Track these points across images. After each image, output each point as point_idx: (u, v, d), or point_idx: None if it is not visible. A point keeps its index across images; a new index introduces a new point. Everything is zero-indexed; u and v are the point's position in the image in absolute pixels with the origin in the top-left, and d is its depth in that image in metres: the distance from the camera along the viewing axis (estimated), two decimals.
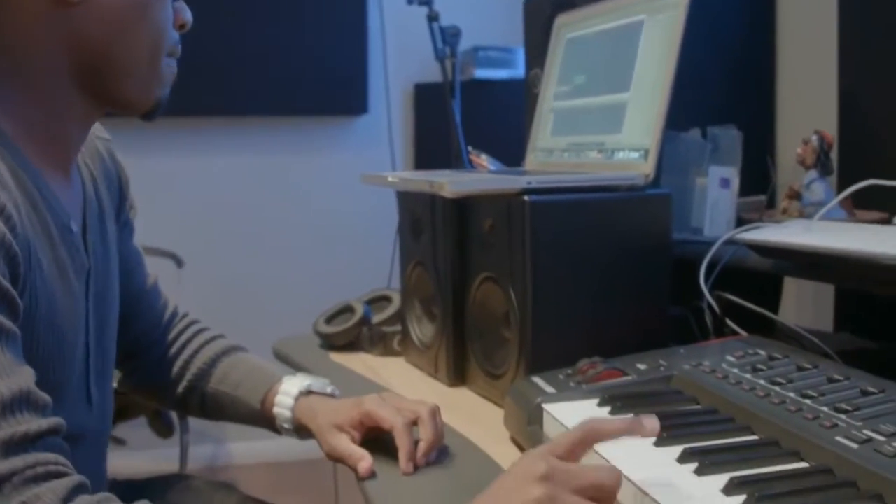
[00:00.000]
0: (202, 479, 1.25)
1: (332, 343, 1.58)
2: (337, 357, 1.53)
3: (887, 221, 1.33)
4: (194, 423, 2.82)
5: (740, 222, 1.45)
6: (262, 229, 3.28)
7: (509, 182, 1.17)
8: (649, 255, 1.21)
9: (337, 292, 1.80)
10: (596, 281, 1.18)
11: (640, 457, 0.82)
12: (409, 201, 1.44)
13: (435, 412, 1.00)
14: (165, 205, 3.05)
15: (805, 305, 1.83)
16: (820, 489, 0.73)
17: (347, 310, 1.62)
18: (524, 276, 1.14)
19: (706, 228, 1.43)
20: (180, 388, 1.18)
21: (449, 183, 1.14)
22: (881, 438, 0.78)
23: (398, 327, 1.53)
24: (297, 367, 1.42)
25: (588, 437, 0.75)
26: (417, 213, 1.39)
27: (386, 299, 1.66)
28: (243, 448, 3.29)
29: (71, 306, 0.90)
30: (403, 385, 1.33)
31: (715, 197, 1.42)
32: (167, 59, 0.96)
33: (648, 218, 1.22)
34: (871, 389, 0.89)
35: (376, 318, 1.59)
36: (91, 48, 0.88)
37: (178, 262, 2.91)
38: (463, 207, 1.29)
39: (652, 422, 0.77)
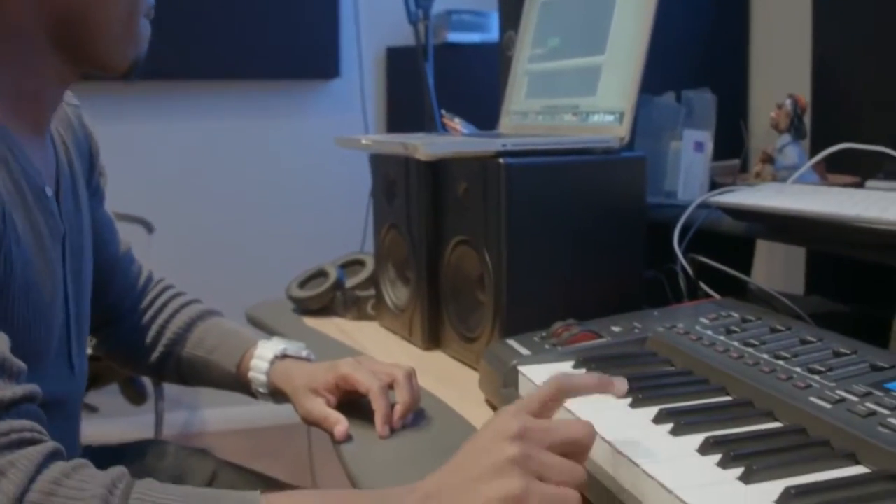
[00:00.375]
0: (176, 445, 1.25)
1: (305, 307, 1.57)
2: (311, 321, 1.53)
3: (859, 185, 1.33)
4: (169, 390, 2.81)
5: (714, 186, 1.46)
6: (233, 194, 3.25)
7: (484, 144, 1.16)
8: (624, 219, 1.21)
9: (310, 257, 1.79)
10: (571, 244, 1.18)
11: (615, 418, 0.82)
12: (382, 164, 1.43)
13: (411, 375, 1.00)
14: (135, 170, 3.01)
15: (776, 269, 1.84)
16: (794, 448, 0.73)
17: (321, 274, 1.61)
18: (499, 238, 1.14)
19: (680, 192, 1.44)
20: (156, 354, 1.17)
21: (423, 145, 1.13)
22: (854, 399, 0.78)
23: (372, 291, 1.52)
24: (270, 332, 1.41)
25: (559, 393, 0.74)
26: (391, 176, 1.38)
27: (359, 263, 1.66)
28: (218, 414, 3.29)
29: (48, 271, 0.88)
30: (378, 349, 1.33)
31: (689, 160, 1.43)
32: (143, 19, 0.94)
33: (623, 181, 1.21)
34: (843, 351, 0.90)
35: (350, 282, 1.58)
36: (67, 6, 0.86)
37: (149, 228, 2.88)
38: (437, 170, 1.28)
39: (622, 383, 0.77)
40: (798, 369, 0.87)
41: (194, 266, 2.96)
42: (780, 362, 0.89)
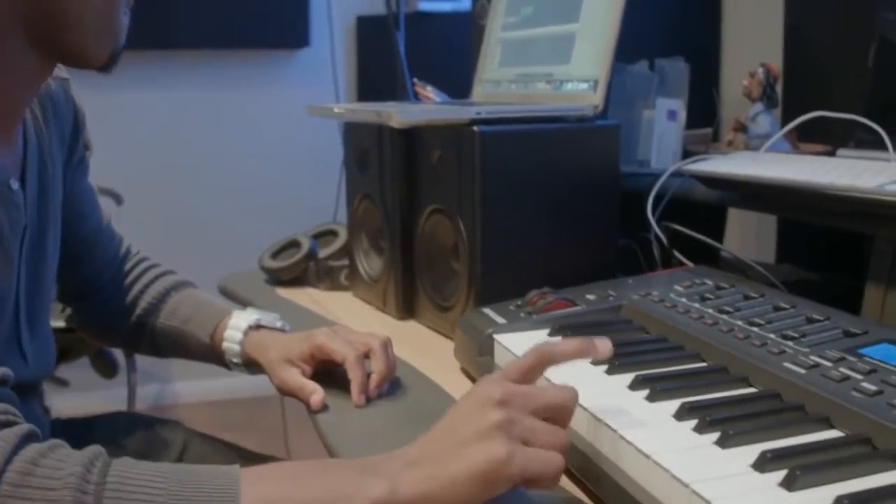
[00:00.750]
0: (146, 416, 1.24)
1: (278, 278, 1.56)
2: (284, 292, 1.52)
3: (831, 154, 1.34)
4: (141, 362, 2.79)
5: (686, 155, 1.46)
6: (203, 165, 3.22)
7: (458, 112, 1.16)
8: (598, 187, 1.21)
9: (281, 227, 1.78)
10: (545, 212, 1.18)
11: (592, 385, 0.82)
12: (355, 133, 1.42)
13: (387, 344, 1.00)
14: (102, 141, 2.93)
15: (748, 238, 1.85)
16: (769, 413, 0.74)
17: (293, 244, 1.60)
18: (473, 207, 1.14)
19: (653, 161, 1.44)
20: (129, 324, 1.16)
21: (397, 113, 1.12)
22: (827, 364, 0.79)
23: (345, 261, 1.52)
24: (243, 303, 1.40)
25: (541, 361, 0.74)
26: (364, 145, 1.37)
27: (332, 233, 1.65)
28: (190, 387, 3.27)
29: (4, 262, 0.87)
30: (352, 319, 1.33)
31: (662, 129, 1.43)
32: (123, 10, 0.91)
33: (597, 149, 1.21)
34: (816, 317, 0.91)
35: (323, 253, 1.57)
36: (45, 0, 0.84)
37: (118, 200, 2.85)
38: (410, 139, 1.27)
39: (604, 343, 0.77)
40: (772, 335, 0.88)
41: (165, 238, 2.93)
42: (754, 329, 0.90)
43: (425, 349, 1.17)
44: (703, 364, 0.88)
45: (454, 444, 0.68)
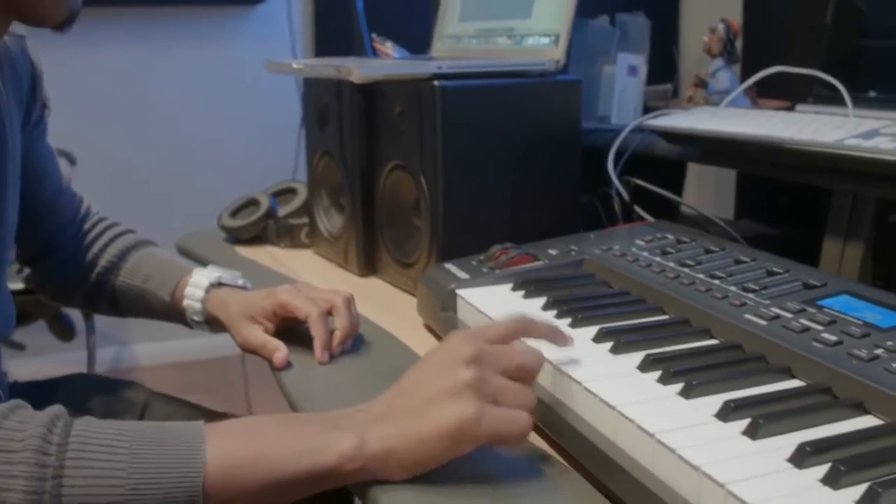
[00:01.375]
0: (105, 378, 1.23)
1: (237, 237, 1.55)
2: (243, 251, 1.50)
3: (790, 109, 1.35)
4: (99, 325, 2.76)
5: (647, 110, 1.46)
6: (159, 124, 3.17)
7: (419, 67, 1.14)
8: (560, 142, 1.21)
9: (239, 186, 1.76)
10: (506, 168, 1.17)
11: None
12: (314, 90, 1.40)
13: (349, 301, 0.99)
14: (54, 101, 2.90)
15: (707, 194, 1.86)
16: (731, 364, 0.75)
17: (252, 203, 1.58)
18: (435, 163, 1.13)
19: (613, 116, 1.44)
20: (89, 284, 1.14)
21: (357, 68, 1.10)
22: (788, 315, 0.80)
23: (305, 219, 1.50)
24: (202, 262, 1.38)
25: (519, 332, 0.75)
26: (323, 101, 1.35)
27: (291, 191, 1.63)
28: (149, 349, 3.24)
29: None
30: (313, 277, 1.32)
31: (623, 85, 1.42)
32: None
33: (559, 105, 1.21)
34: (776, 270, 0.91)
35: (282, 211, 1.56)
36: None
37: (71, 160, 2.79)
38: (371, 95, 1.26)
39: (569, 340, 0.78)
40: (733, 288, 0.88)
41: (120, 198, 2.87)
42: (716, 282, 0.91)
43: (388, 306, 1.17)
44: (666, 317, 0.88)
45: (423, 400, 0.68)
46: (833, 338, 0.74)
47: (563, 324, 0.87)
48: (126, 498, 0.61)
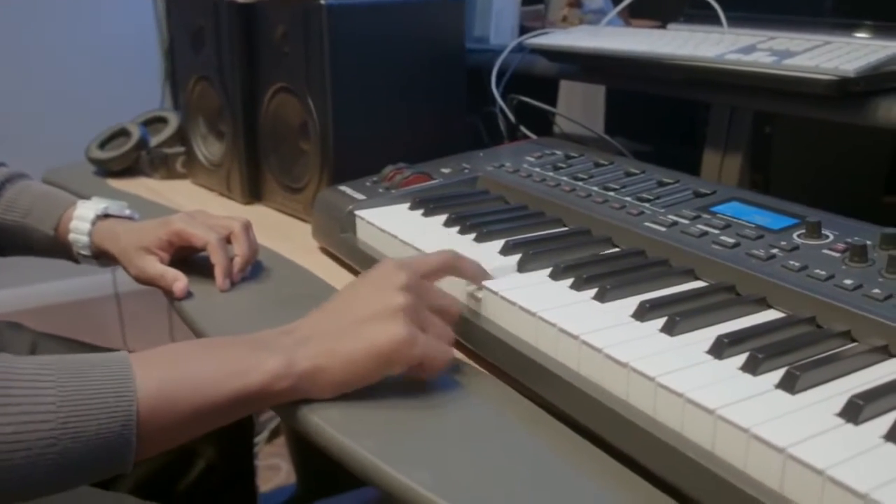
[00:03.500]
0: None
1: (108, 169, 1.48)
2: (116, 183, 1.44)
3: (662, 28, 1.39)
4: None
5: (523, 30, 1.47)
6: (11, 59, 2.96)
7: None
8: (445, 62, 1.21)
9: (102, 118, 1.67)
10: (394, 88, 1.17)
11: (463, 252, 0.83)
12: (185, 12, 1.34)
13: (248, 227, 0.97)
14: None
15: (575, 113, 1.90)
16: (637, 268, 0.78)
17: (121, 133, 1.52)
18: (323, 84, 1.11)
19: (492, 37, 1.44)
20: None
21: None
22: (685, 222, 0.83)
23: (180, 148, 1.45)
24: (76, 196, 1.32)
25: (449, 266, 0.75)
26: (197, 24, 1.30)
27: (161, 120, 1.57)
28: (11, 294, 3.08)
29: None
30: (195, 206, 1.27)
31: (500, 5, 1.43)
32: None
33: (443, 23, 1.21)
34: (666, 181, 0.95)
35: (154, 141, 1.50)
36: None
37: None
38: (250, 15, 1.22)
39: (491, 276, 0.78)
40: (628, 198, 0.91)
41: None
42: (611, 193, 0.94)
43: (278, 232, 1.15)
44: (566, 228, 0.91)
45: (353, 321, 0.68)
46: (731, 240, 0.77)
47: (468, 239, 0.88)
48: (58, 433, 0.59)
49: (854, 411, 0.53)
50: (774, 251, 0.75)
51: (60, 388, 0.60)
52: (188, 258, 0.99)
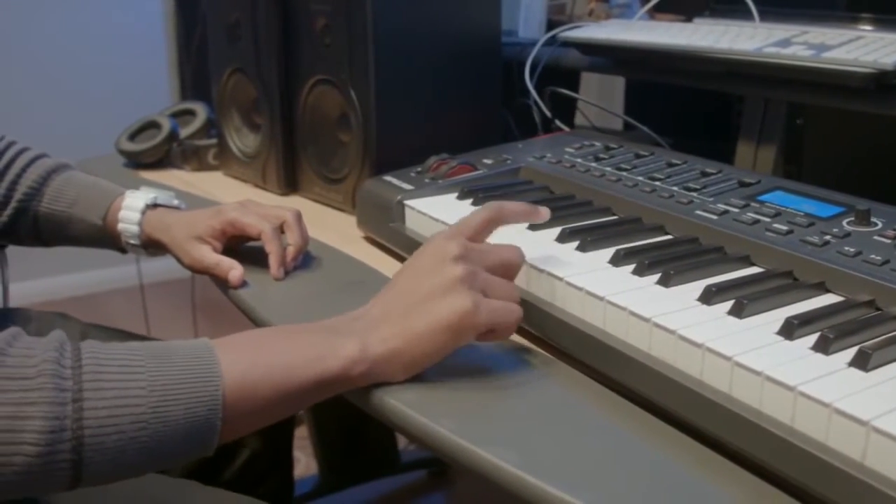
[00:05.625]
0: (34, 311, 1.18)
1: (139, 161, 1.50)
2: (148, 175, 1.46)
3: (688, 22, 1.41)
4: None
5: (551, 24, 1.49)
6: (15, 52, 2.96)
7: None
8: (481, 54, 1.23)
9: (109, 111, 1.69)
10: (433, 80, 1.19)
11: (519, 241, 0.83)
12: (220, 5, 1.35)
13: (299, 216, 0.99)
14: None
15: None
16: (694, 255, 0.80)
17: (151, 126, 1.53)
18: (366, 76, 1.13)
19: (520, 30, 1.46)
20: (8, 212, 1.07)
21: None
22: (735, 210, 0.86)
23: (211, 140, 1.47)
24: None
25: (493, 218, 0.77)
26: (233, 16, 1.32)
27: (189, 113, 1.59)
28: (41, 285, 3.08)
29: None
30: (231, 198, 1.29)
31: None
32: None
33: (480, 16, 1.23)
34: (709, 171, 0.97)
35: (184, 132, 1.52)
36: None
37: None
38: (287, 7, 1.24)
39: (547, 211, 0.81)
40: (675, 188, 0.94)
41: None
42: (657, 183, 0.96)
43: (318, 222, 1.17)
44: (617, 216, 0.93)
45: (418, 300, 0.69)
46: (784, 227, 0.80)
47: (521, 227, 0.90)
48: (148, 416, 0.61)
49: None
50: (827, 238, 0.77)
51: (150, 372, 0.62)
52: (236, 247, 1.01)
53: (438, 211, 0.96)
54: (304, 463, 2.12)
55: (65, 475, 0.59)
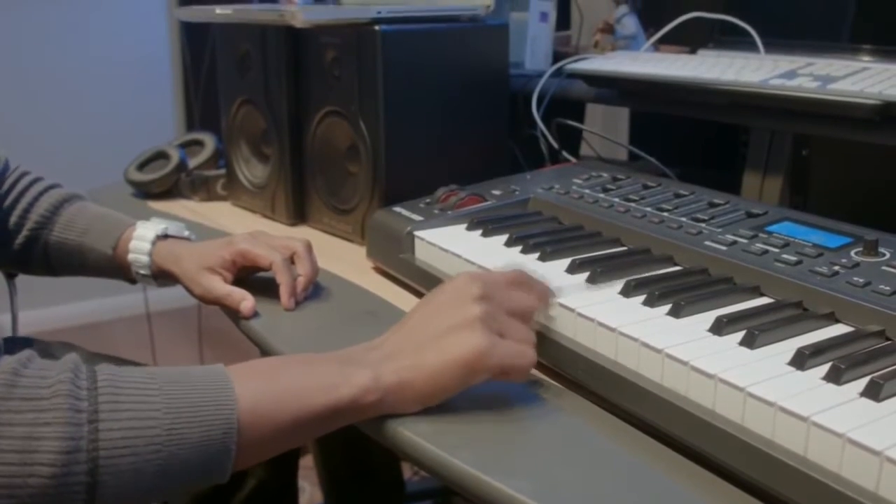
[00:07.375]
0: (41, 340, 1.18)
1: (147, 191, 1.51)
2: (156, 205, 1.47)
3: (692, 54, 1.42)
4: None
5: (557, 56, 1.50)
6: (21, 81, 2.98)
7: (359, 12, 1.15)
8: (490, 86, 1.24)
9: (129, 146, 1.70)
10: (441, 112, 1.20)
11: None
12: (231, 37, 1.37)
13: (309, 247, 1.00)
14: None
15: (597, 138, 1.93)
16: (704, 285, 0.80)
17: (160, 156, 1.54)
18: (376, 108, 1.14)
19: (527, 62, 1.47)
20: (20, 241, 1.09)
21: (301, 12, 1.10)
22: (744, 241, 0.86)
23: (220, 171, 1.48)
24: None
25: (517, 283, 0.77)
26: (243, 48, 1.33)
27: (197, 143, 1.60)
28: (50, 313, 3.08)
29: None
30: (240, 228, 1.30)
31: (535, 31, 1.46)
32: None
33: (489, 49, 1.24)
34: (717, 201, 0.98)
35: (193, 163, 1.53)
36: None
37: None
38: (297, 40, 1.25)
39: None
40: (683, 219, 0.94)
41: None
42: (665, 213, 0.97)
43: (327, 253, 1.17)
44: (626, 248, 0.94)
45: (434, 335, 0.70)
46: (793, 258, 0.80)
47: (531, 258, 0.91)
48: (164, 439, 0.61)
49: None
50: (836, 268, 0.78)
51: (166, 395, 0.62)
52: (246, 278, 1.01)
53: (448, 242, 0.96)
54: (310, 492, 2.12)
55: (79, 498, 0.59)
